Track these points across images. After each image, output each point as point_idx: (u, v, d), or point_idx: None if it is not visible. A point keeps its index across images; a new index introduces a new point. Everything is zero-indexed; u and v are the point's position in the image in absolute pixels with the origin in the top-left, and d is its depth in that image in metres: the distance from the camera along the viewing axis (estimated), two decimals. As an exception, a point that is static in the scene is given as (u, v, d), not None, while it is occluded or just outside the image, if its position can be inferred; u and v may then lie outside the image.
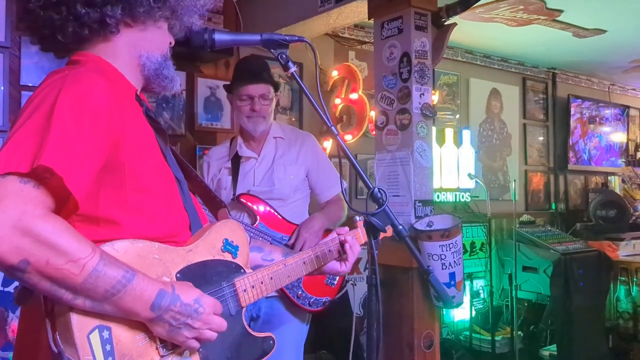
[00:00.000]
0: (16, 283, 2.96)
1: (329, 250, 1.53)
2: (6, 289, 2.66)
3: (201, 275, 1.16)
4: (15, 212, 0.88)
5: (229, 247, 1.25)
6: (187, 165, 1.35)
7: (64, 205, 0.97)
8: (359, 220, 1.66)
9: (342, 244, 1.54)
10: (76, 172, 0.95)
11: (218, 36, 1.30)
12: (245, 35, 1.42)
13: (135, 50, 1.21)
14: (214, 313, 1.10)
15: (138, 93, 1.23)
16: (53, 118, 0.96)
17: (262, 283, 1.30)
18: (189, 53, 3.14)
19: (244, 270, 1.27)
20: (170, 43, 1.29)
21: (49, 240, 0.90)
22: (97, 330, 0.98)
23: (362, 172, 1.30)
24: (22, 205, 0.89)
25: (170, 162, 1.23)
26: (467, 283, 4.42)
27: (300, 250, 2.19)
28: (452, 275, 2.54)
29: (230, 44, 1.38)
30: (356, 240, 1.58)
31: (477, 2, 2.82)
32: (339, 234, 1.57)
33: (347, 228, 1.62)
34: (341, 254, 1.55)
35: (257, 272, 1.30)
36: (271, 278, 1.34)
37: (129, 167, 1.08)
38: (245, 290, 1.25)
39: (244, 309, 1.26)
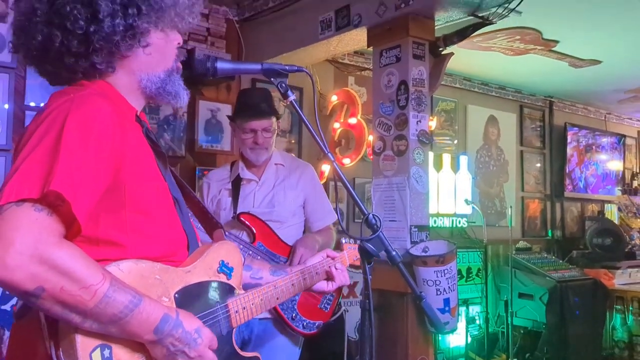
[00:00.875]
0: (13, 301, 2.93)
1: (317, 273, 1.61)
2: (3, 307, 2.66)
3: (197, 295, 1.20)
4: (30, 241, 0.91)
5: (225, 268, 1.29)
6: (186, 186, 1.39)
7: (69, 230, 1.00)
8: (345, 242, 1.72)
9: (328, 273, 1.64)
10: (82, 198, 0.98)
11: (220, 65, 1.35)
12: (246, 64, 1.47)
13: (135, 75, 1.21)
14: (209, 347, 1.13)
15: (138, 114, 1.25)
16: (61, 144, 0.98)
17: (252, 305, 1.35)
18: (191, 76, 3.19)
19: (237, 291, 1.31)
20: (178, 43, 1.26)
21: (64, 267, 0.93)
22: (99, 349, 1.01)
23: (357, 199, 1.33)
24: (37, 234, 0.92)
25: (169, 182, 1.25)
26: (463, 309, 4.42)
27: (298, 263, 2.24)
28: (446, 301, 2.55)
29: (232, 73, 1.42)
30: (343, 265, 1.67)
31: (473, 32, 2.89)
32: (328, 256, 1.65)
33: (336, 253, 1.70)
34: (329, 276, 1.64)
35: (249, 294, 1.35)
36: (261, 300, 1.39)
37: (129, 189, 1.10)
38: (237, 312, 1.29)
39: (234, 329, 1.29)
